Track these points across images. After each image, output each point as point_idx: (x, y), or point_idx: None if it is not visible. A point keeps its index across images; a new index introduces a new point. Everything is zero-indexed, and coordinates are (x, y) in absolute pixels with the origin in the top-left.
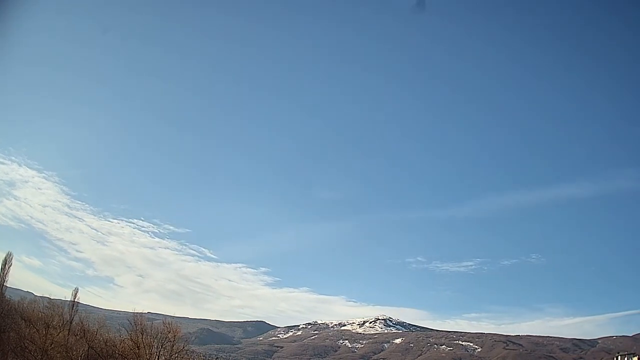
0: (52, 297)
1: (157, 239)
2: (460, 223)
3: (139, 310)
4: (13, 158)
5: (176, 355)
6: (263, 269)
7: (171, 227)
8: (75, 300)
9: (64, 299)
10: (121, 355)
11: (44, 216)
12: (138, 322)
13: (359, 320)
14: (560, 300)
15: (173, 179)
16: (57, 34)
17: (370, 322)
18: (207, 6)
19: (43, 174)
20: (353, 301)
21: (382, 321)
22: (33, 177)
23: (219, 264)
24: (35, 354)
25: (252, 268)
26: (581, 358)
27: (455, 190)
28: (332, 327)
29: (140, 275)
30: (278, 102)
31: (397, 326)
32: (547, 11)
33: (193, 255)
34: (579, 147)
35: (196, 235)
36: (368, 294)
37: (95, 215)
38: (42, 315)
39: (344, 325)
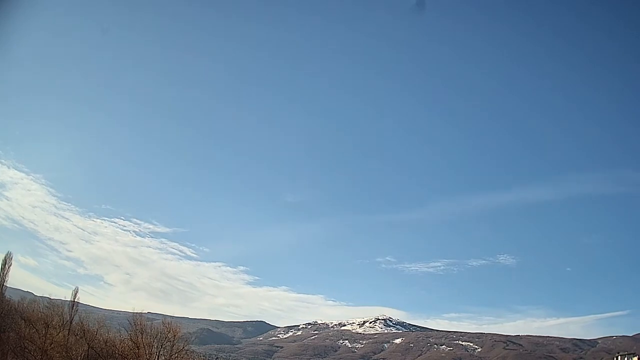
0: (52, 297)
1: (139, 238)
2: (425, 225)
3: (137, 310)
4: (2, 161)
5: (176, 355)
6: (242, 268)
7: (151, 226)
8: (75, 300)
9: (63, 299)
10: (121, 355)
11: (35, 216)
12: (138, 322)
13: (359, 320)
14: (540, 300)
15: (150, 177)
16: (49, 35)
17: (370, 322)
18: (209, 5)
19: (31, 177)
20: (332, 300)
21: (382, 321)
22: (22, 179)
23: (200, 262)
24: (35, 354)
25: (231, 267)
26: (581, 358)
27: (420, 193)
28: (332, 327)
29: (128, 274)
30: (266, 99)
31: (397, 326)
32: (547, 10)
33: (174, 254)
34: (547, 150)
35: (175, 234)
36: (346, 293)
37: (80, 216)
38: (42, 315)
39: (344, 325)
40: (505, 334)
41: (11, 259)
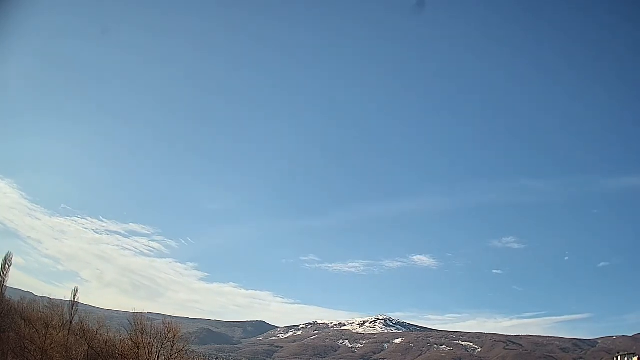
0: (51, 297)
1: (97, 236)
2: (340, 228)
3: (138, 310)
4: None
5: (176, 355)
6: (190, 264)
7: (104, 224)
8: (75, 300)
9: (63, 298)
10: (121, 355)
11: (14, 217)
12: (138, 322)
13: (359, 320)
14: (482, 303)
15: (96, 174)
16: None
17: (370, 322)
18: (215, 2)
19: (5, 181)
20: (280, 297)
21: (382, 321)
22: None
23: (154, 259)
24: (35, 354)
25: (180, 263)
26: (581, 358)
27: (329, 200)
28: (332, 327)
29: (98, 270)
30: (264, 96)
31: (397, 326)
32: (548, 7)
33: (130, 250)
34: (452, 159)
35: (126, 231)
36: (292, 291)
37: (49, 217)
38: (41, 315)
39: (344, 325)
40: (505, 334)
41: (11, 259)
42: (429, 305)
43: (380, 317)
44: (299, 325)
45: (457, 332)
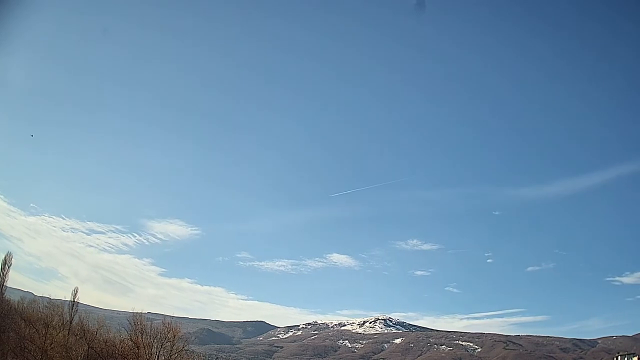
0: (51, 297)
1: (65, 233)
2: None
3: (138, 310)
4: None
5: (176, 355)
6: (147, 260)
7: (69, 222)
8: (75, 300)
9: (63, 299)
10: (121, 355)
11: None
12: (138, 322)
13: (358, 320)
14: (419, 304)
15: (56, 172)
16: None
17: (370, 322)
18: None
19: None
20: (233, 293)
21: (382, 321)
22: None
23: (115, 255)
24: (35, 354)
25: (138, 259)
26: (581, 358)
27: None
28: (332, 327)
29: (73, 266)
30: (268, 93)
31: (397, 326)
32: (549, 8)
33: (94, 247)
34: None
35: (86, 229)
36: (242, 287)
37: (25, 217)
38: (42, 315)
39: (344, 325)
40: (505, 334)
41: (11, 259)
42: (374, 303)
43: (380, 317)
44: (299, 325)
45: (457, 332)
